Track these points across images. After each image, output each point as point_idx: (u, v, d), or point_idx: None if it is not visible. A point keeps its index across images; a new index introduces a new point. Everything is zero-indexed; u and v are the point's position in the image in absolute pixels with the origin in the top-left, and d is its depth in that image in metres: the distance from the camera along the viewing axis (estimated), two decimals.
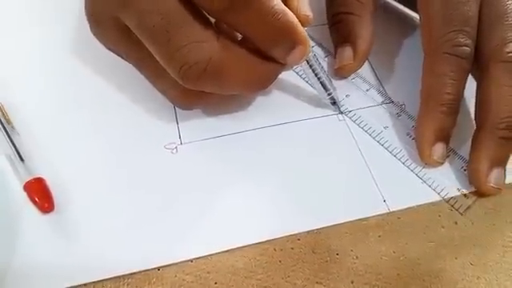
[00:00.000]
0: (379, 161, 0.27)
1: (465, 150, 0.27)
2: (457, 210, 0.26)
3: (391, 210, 0.25)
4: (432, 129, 0.26)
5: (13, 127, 0.26)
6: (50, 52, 0.30)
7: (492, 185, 0.26)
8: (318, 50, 0.31)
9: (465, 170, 0.27)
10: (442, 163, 0.27)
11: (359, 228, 0.25)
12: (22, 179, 0.24)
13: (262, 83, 0.25)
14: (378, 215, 0.25)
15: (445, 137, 0.27)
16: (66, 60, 0.30)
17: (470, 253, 0.24)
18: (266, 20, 0.22)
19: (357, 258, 0.24)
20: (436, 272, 0.24)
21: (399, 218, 0.25)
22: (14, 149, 0.25)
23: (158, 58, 0.23)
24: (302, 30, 0.23)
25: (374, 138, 0.28)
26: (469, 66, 0.26)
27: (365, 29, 0.29)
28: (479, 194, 0.26)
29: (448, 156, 0.27)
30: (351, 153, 0.27)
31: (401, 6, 0.35)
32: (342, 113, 0.29)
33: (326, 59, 0.31)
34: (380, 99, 0.30)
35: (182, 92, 0.25)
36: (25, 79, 0.29)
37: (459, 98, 0.26)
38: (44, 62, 0.30)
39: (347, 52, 0.30)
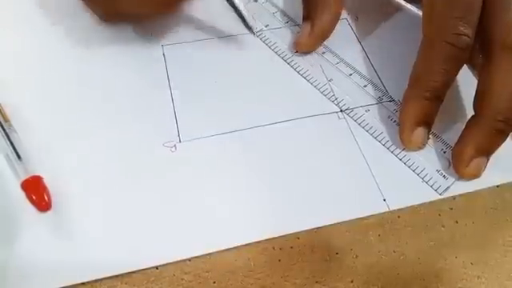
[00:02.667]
0: (379, 159, 0.27)
1: (447, 135, 0.27)
2: (435, 190, 0.26)
3: (391, 209, 0.25)
4: (414, 114, 0.26)
5: (10, 125, 0.26)
6: (48, 51, 0.30)
7: (471, 171, 0.26)
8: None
9: (444, 153, 0.27)
10: (422, 148, 0.27)
11: (359, 227, 0.24)
12: (20, 177, 0.24)
13: None
14: (378, 214, 0.25)
15: (427, 122, 0.27)
16: (64, 59, 0.30)
17: (470, 252, 0.24)
18: None
19: (356, 257, 0.24)
20: (436, 271, 0.23)
21: (399, 216, 0.25)
22: (11, 147, 0.25)
23: None
24: None
25: (375, 138, 0.28)
26: (465, 57, 0.26)
27: (327, 7, 0.29)
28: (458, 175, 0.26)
29: (428, 139, 0.27)
30: (351, 151, 0.27)
31: (402, 1, 0.35)
32: (254, 34, 0.31)
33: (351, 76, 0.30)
34: (380, 97, 0.29)
35: None
36: (23, 78, 0.29)
37: (447, 87, 0.26)
38: (42, 60, 0.30)
39: (305, 28, 0.30)
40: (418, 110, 0.26)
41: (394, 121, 0.28)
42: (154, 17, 0.31)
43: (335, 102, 0.29)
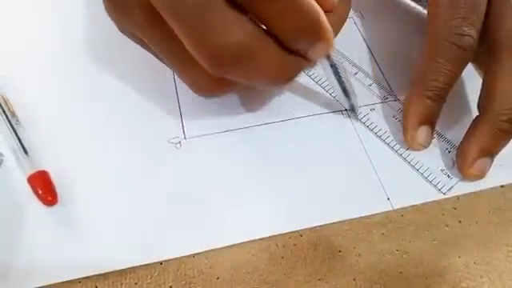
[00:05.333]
0: (383, 158, 0.27)
1: (451, 134, 0.27)
2: (439, 190, 0.26)
3: (395, 208, 0.25)
4: (417, 113, 0.26)
5: (17, 120, 0.26)
6: (55, 47, 0.30)
7: (475, 172, 0.26)
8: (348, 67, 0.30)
9: (449, 152, 0.27)
10: (426, 147, 0.27)
11: (362, 225, 0.25)
12: (26, 172, 0.24)
13: (287, 75, 0.24)
14: (382, 213, 0.25)
15: (430, 121, 0.27)
16: (71, 55, 0.30)
17: (473, 252, 0.24)
18: (292, 11, 0.21)
19: (359, 255, 0.24)
20: (439, 271, 0.23)
21: (403, 215, 0.25)
22: (18, 142, 0.25)
23: (187, 42, 0.21)
24: (327, 25, 0.22)
25: (379, 137, 0.28)
26: (468, 58, 0.26)
27: (335, 10, 0.26)
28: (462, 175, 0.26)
29: (433, 138, 0.27)
30: (355, 150, 0.27)
31: (408, 0, 0.35)
32: (359, 120, 0.28)
33: (356, 76, 0.30)
34: (385, 96, 0.29)
35: (208, 80, 0.24)
36: (30, 74, 0.29)
37: (450, 87, 0.26)
38: (49, 56, 0.30)
39: None
40: (420, 110, 0.26)
41: (399, 120, 0.28)
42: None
43: (340, 100, 0.29)
